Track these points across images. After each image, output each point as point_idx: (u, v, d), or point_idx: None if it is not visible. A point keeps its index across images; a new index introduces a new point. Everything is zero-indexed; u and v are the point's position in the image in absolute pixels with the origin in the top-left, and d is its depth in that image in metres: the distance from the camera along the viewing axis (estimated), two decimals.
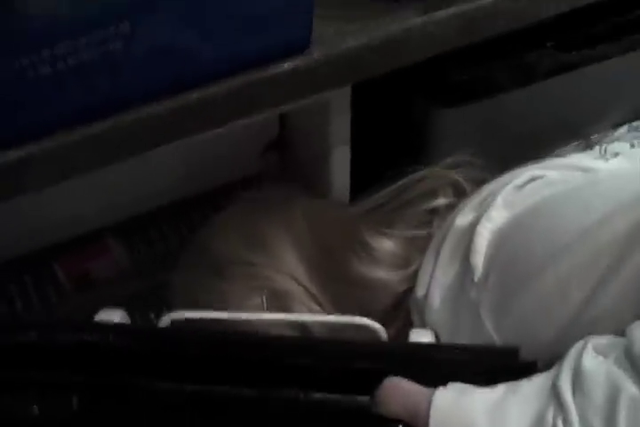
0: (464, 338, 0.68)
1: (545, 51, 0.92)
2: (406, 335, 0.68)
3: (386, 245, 0.76)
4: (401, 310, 0.75)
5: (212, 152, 0.94)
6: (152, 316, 0.90)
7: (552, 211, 0.67)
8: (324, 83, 0.71)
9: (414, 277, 0.73)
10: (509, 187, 0.71)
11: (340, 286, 0.77)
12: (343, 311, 0.76)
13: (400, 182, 0.78)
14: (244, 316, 0.71)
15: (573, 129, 0.85)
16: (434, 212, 0.77)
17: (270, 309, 0.76)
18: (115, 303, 0.70)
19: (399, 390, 0.57)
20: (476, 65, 0.89)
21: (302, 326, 0.73)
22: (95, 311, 0.68)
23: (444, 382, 0.57)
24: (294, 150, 0.98)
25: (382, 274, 0.75)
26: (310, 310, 0.76)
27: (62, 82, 0.57)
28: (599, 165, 0.73)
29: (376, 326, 0.69)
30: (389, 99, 0.92)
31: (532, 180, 0.71)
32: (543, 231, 0.65)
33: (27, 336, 0.59)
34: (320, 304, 0.77)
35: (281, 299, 0.76)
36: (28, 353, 0.59)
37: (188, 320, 0.70)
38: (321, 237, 0.78)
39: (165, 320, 0.69)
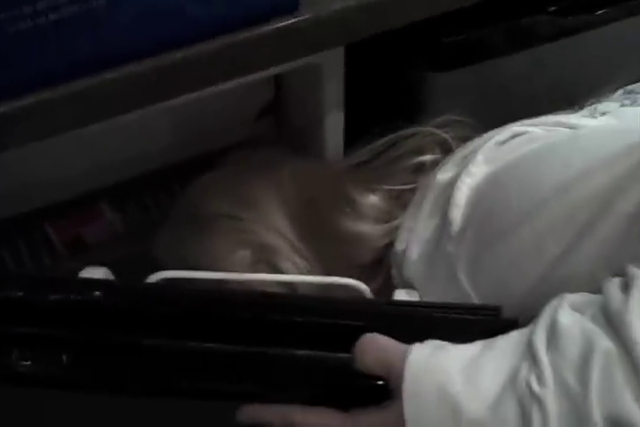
0: (439, 291, 0.68)
1: (544, 15, 0.91)
2: (388, 290, 0.68)
3: (371, 199, 0.76)
4: (383, 265, 0.75)
5: (207, 116, 0.94)
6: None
7: (530, 166, 0.66)
8: (313, 44, 0.70)
9: (397, 231, 0.73)
10: (491, 143, 0.71)
11: (324, 241, 0.77)
12: (327, 265, 0.76)
13: (387, 138, 0.79)
14: (230, 276, 0.71)
15: (570, 94, 0.85)
16: (420, 168, 0.77)
17: (255, 262, 0.76)
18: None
19: (375, 345, 0.56)
20: (471, 27, 0.88)
21: (288, 283, 0.73)
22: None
23: (425, 340, 0.56)
24: (289, 114, 0.97)
25: (366, 228, 0.75)
26: (295, 264, 0.76)
27: (44, 38, 0.57)
28: (585, 122, 0.73)
29: (362, 286, 0.70)
30: (384, 61, 0.92)
31: (515, 136, 0.71)
32: (520, 186, 0.65)
33: (13, 292, 0.60)
34: (305, 258, 0.77)
35: (266, 253, 0.76)
36: (15, 309, 0.60)
37: (175, 279, 0.70)
38: (307, 193, 0.78)
39: (153, 279, 0.69)
